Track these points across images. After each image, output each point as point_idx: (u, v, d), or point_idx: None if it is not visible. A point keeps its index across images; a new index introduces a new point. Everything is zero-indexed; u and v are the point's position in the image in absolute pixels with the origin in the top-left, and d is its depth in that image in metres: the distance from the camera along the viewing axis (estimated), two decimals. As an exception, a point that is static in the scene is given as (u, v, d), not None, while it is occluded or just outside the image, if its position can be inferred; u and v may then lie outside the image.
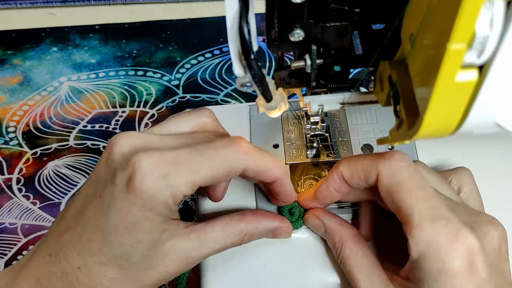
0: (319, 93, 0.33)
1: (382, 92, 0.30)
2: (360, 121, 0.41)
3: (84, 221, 0.29)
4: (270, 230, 0.34)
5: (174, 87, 0.56)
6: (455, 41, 0.19)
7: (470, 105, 0.22)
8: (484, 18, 0.19)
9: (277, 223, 0.35)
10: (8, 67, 0.58)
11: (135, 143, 0.29)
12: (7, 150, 0.53)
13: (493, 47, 0.20)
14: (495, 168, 0.39)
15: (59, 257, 0.30)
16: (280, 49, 0.29)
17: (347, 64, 0.31)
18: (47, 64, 0.58)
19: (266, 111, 0.32)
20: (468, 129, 0.23)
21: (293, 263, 0.36)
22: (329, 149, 0.40)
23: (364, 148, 0.40)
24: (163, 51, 0.59)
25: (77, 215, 0.30)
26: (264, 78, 0.28)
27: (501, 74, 0.21)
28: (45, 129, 0.54)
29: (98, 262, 0.29)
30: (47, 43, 0.59)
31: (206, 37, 0.60)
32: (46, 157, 0.52)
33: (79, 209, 0.30)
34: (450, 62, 0.20)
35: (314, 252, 0.36)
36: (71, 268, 0.29)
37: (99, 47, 0.59)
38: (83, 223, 0.29)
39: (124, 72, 0.57)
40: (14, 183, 0.51)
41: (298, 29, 0.27)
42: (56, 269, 0.30)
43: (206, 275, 0.36)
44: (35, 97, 0.56)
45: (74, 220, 0.30)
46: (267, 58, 0.58)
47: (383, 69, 0.29)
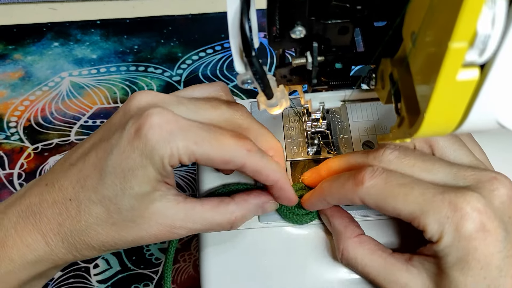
0: (320, 90, 0.33)
1: (383, 90, 0.30)
2: (361, 118, 0.41)
3: (86, 159, 0.31)
4: (259, 207, 0.35)
5: (175, 83, 0.56)
6: (457, 40, 0.19)
7: (471, 104, 0.22)
8: (486, 16, 0.19)
9: (264, 198, 0.35)
10: (9, 62, 0.58)
11: (153, 100, 0.31)
12: (8, 145, 0.53)
13: (495, 46, 0.20)
14: (496, 166, 0.39)
15: (54, 187, 0.32)
16: (281, 46, 0.29)
17: (348, 61, 0.31)
18: (48, 59, 0.58)
19: (267, 108, 0.32)
20: (469, 128, 0.23)
21: (293, 259, 0.36)
22: (330, 146, 0.40)
23: (365, 146, 0.40)
24: (165, 46, 0.59)
25: (82, 155, 0.32)
26: (265, 75, 0.28)
27: (502, 73, 0.20)
28: (46, 124, 0.54)
29: (89, 198, 0.30)
30: (48, 38, 0.59)
31: (207, 32, 0.59)
32: (47, 152, 0.52)
33: (85, 150, 0.32)
34: (452, 60, 0.20)
35: (314, 248, 0.37)
36: (62, 198, 0.31)
37: (100, 42, 0.59)
38: (85, 160, 0.31)
39: (125, 67, 0.57)
40: (15, 178, 0.51)
41: (300, 26, 0.27)
42: (49, 197, 0.31)
43: (207, 275, 0.36)
44: (36, 92, 0.56)
45: (77, 158, 0.32)
46: (268, 55, 0.58)
47: (385, 67, 0.29)
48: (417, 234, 0.31)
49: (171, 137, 0.29)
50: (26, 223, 0.32)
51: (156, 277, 0.45)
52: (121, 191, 0.30)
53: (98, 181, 0.30)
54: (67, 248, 0.32)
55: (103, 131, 0.32)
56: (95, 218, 0.31)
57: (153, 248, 0.47)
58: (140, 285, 0.45)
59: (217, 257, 0.37)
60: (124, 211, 0.30)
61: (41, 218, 0.31)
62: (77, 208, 0.31)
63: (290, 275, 0.36)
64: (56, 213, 0.31)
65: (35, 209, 0.32)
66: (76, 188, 0.31)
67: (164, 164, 0.29)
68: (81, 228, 0.31)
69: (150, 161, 0.29)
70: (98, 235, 0.31)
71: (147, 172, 0.29)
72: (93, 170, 0.30)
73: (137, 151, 0.29)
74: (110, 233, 0.31)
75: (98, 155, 0.31)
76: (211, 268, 0.37)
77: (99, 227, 0.31)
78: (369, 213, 0.37)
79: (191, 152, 0.29)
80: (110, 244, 0.32)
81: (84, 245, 0.32)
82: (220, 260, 0.37)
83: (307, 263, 0.36)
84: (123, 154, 0.29)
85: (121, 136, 0.30)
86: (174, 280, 0.45)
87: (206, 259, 0.37)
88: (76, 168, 0.31)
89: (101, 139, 0.31)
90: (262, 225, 0.38)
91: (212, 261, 0.37)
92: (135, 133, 0.29)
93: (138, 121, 0.29)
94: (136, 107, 0.31)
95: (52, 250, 0.32)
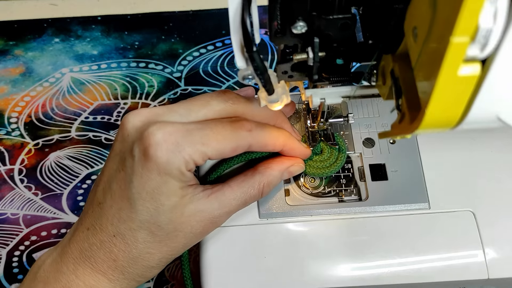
0: (321, 86, 0.33)
1: (384, 86, 0.30)
2: (362, 115, 0.41)
3: (111, 194, 0.32)
4: (285, 171, 0.36)
5: (176, 79, 0.56)
6: (458, 34, 0.19)
7: (473, 99, 0.22)
8: (487, 11, 0.19)
9: (288, 162, 0.36)
10: (10, 58, 0.58)
11: (147, 117, 0.32)
12: (9, 140, 0.53)
13: (496, 40, 0.20)
14: (496, 161, 0.39)
15: (95, 229, 0.33)
16: (282, 42, 0.29)
17: (349, 57, 0.30)
18: (49, 55, 0.58)
19: (268, 104, 0.32)
20: (470, 123, 0.23)
21: (293, 256, 0.36)
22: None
23: (366, 143, 0.40)
24: (165, 43, 0.58)
25: (105, 190, 0.33)
26: (266, 70, 0.28)
27: (504, 68, 0.20)
28: (47, 120, 0.54)
29: (129, 228, 0.32)
30: (49, 34, 0.59)
31: (208, 29, 0.59)
32: (48, 148, 0.52)
33: (105, 185, 0.33)
34: (453, 55, 0.20)
35: (314, 245, 0.37)
36: (107, 237, 0.33)
37: (101, 38, 0.59)
38: (111, 195, 0.32)
39: (126, 63, 0.57)
40: (16, 174, 0.51)
41: (301, 21, 0.27)
42: (95, 240, 0.33)
43: (207, 271, 0.37)
44: (37, 88, 0.56)
45: (103, 195, 0.33)
46: (269, 51, 0.58)
47: (386, 63, 0.29)
48: None
49: (179, 147, 0.30)
50: (84, 268, 0.33)
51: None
52: (155, 211, 0.31)
53: (130, 210, 0.31)
54: (128, 278, 0.34)
55: (113, 161, 0.33)
56: (143, 242, 0.32)
57: (153, 244, 0.47)
58: (140, 281, 0.45)
59: (217, 253, 0.37)
60: (165, 227, 0.32)
61: (96, 260, 0.33)
62: (124, 241, 0.32)
63: (290, 271, 0.36)
64: (108, 252, 0.33)
65: (87, 253, 0.33)
66: (115, 224, 0.32)
67: (182, 172, 0.31)
68: (135, 256, 0.33)
69: (169, 176, 0.30)
70: (152, 256, 0.33)
71: (170, 185, 0.31)
72: (122, 202, 0.32)
73: (154, 171, 0.30)
74: (162, 249, 0.33)
75: (121, 186, 0.32)
76: (211, 264, 0.37)
77: (150, 249, 0.33)
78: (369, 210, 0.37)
79: (202, 153, 0.31)
80: (166, 258, 0.34)
81: (143, 268, 0.33)
82: (220, 256, 0.37)
83: (307, 259, 0.36)
84: (142, 179, 0.30)
85: (133, 163, 0.31)
86: (174, 276, 0.45)
87: (206, 256, 0.37)
88: (106, 205, 0.32)
89: (117, 170, 0.32)
90: (262, 221, 0.38)
91: (212, 258, 0.37)
92: (145, 156, 0.30)
93: (142, 144, 0.30)
94: (133, 130, 0.32)
95: (115, 284, 0.34)
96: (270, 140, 0.34)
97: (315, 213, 0.38)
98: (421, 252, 0.36)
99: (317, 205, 0.38)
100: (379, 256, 0.36)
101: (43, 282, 0.33)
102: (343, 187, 0.39)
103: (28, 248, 0.47)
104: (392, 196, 0.38)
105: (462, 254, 0.36)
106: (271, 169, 0.36)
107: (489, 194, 0.38)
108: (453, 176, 0.39)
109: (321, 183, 0.39)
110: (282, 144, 0.35)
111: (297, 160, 0.37)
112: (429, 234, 0.37)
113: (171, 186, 0.31)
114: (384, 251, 0.36)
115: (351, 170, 0.40)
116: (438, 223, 0.37)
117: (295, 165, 0.37)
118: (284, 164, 0.36)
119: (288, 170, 0.36)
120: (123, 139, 0.32)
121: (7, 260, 0.47)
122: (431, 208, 0.38)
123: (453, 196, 0.38)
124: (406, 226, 0.37)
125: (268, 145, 0.34)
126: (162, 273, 0.45)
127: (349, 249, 0.36)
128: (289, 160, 0.37)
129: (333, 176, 0.39)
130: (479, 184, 0.38)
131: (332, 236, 0.37)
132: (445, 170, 0.39)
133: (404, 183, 0.38)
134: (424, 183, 0.38)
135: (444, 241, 0.36)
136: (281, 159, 0.37)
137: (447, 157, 0.39)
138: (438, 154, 0.40)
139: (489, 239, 0.36)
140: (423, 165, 0.39)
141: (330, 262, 0.36)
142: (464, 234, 0.37)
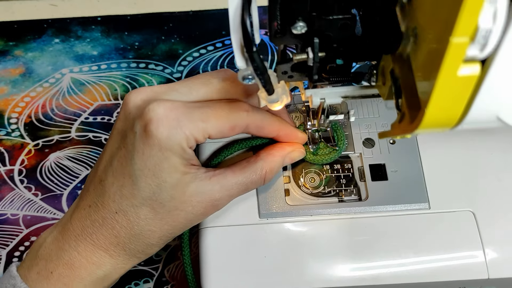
0: (321, 87, 0.33)
1: (384, 86, 0.30)
2: (362, 115, 0.41)
3: (113, 171, 0.32)
4: (286, 157, 0.37)
5: (176, 80, 0.56)
6: (458, 35, 0.19)
7: (472, 99, 0.22)
8: (487, 11, 0.19)
9: (289, 148, 0.37)
10: (10, 58, 0.58)
11: (148, 95, 0.33)
12: (9, 141, 0.53)
13: (496, 41, 0.20)
14: (496, 161, 0.39)
15: (97, 206, 0.33)
16: (282, 42, 0.29)
17: (349, 57, 0.31)
18: (49, 56, 0.58)
19: (268, 104, 0.32)
20: (470, 123, 0.23)
21: (292, 256, 0.36)
22: (331, 142, 0.40)
23: (366, 143, 0.40)
24: (165, 43, 0.59)
25: (107, 168, 0.33)
26: (266, 70, 0.28)
27: (504, 68, 0.20)
28: (47, 121, 0.54)
29: (132, 205, 0.32)
30: (49, 34, 0.59)
31: (208, 29, 0.59)
32: (48, 149, 0.52)
33: (107, 163, 0.33)
34: (453, 55, 0.20)
35: (314, 245, 0.37)
36: (109, 214, 0.33)
37: (101, 39, 0.59)
38: (113, 172, 0.33)
39: (126, 64, 0.57)
40: (16, 175, 0.51)
41: (301, 22, 0.27)
42: (98, 217, 0.33)
43: (206, 271, 0.37)
44: (37, 88, 0.56)
45: (104, 173, 0.33)
46: (269, 52, 0.58)
47: (386, 63, 0.29)
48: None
49: (179, 123, 0.30)
50: (86, 244, 0.33)
51: (157, 274, 0.45)
52: (157, 187, 0.31)
53: (132, 186, 0.32)
54: (129, 254, 0.34)
55: (115, 139, 0.33)
56: (145, 219, 0.33)
57: (153, 245, 0.47)
58: (141, 282, 0.45)
59: (217, 253, 0.37)
60: (166, 204, 0.32)
61: (98, 237, 0.33)
62: (126, 217, 0.33)
63: (290, 271, 0.36)
64: (110, 228, 0.33)
65: (89, 230, 0.33)
66: (117, 201, 0.32)
67: (183, 148, 0.31)
68: (136, 233, 0.33)
69: (170, 151, 0.31)
70: (153, 233, 0.33)
71: (172, 161, 0.31)
72: (124, 179, 0.32)
73: (155, 147, 0.30)
74: (163, 227, 0.33)
75: (122, 163, 0.32)
76: (211, 264, 0.37)
77: (151, 226, 0.33)
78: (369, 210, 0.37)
79: (202, 129, 0.31)
80: (167, 236, 0.34)
81: (144, 245, 0.34)
82: (220, 256, 0.37)
83: (307, 259, 0.36)
84: (143, 155, 0.31)
85: (135, 139, 0.31)
86: (174, 276, 0.45)
87: (205, 255, 0.37)
88: (108, 182, 0.33)
89: (118, 148, 0.33)
90: (262, 221, 0.38)
91: (212, 258, 0.37)
92: (146, 132, 0.30)
93: (143, 120, 0.31)
94: (134, 107, 0.32)
95: (117, 260, 0.34)
96: (266, 122, 0.35)
97: (315, 213, 0.38)
98: (421, 252, 0.36)
99: (317, 205, 0.38)
100: (379, 256, 0.36)
101: (45, 259, 0.34)
102: (343, 187, 0.39)
103: (28, 248, 0.47)
104: (392, 196, 0.38)
105: (462, 254, 0.36)
106: (272, 155, 0.36)
107: (489, 194, 0.38)
108: (453, 176, 0.39)
109: (321, 183, 0.39)
110: (278, 128, 0.36)
111: (297, 145, 0.38)
112: (429, 234, 0.37)
113: (172, 162, 0.31)
114: (384, 251, 0.36)
115: (351, 170, 0.40)
116: (438, 223, 0.37)
117: (296, 151, 0.37)
118: (285, 150, 0.37)
119: (289, 156, 0.37)
120: (124, 117, 0.33)
121: (7, 260, 0.47)
122: (431, 208, 0.38)
123: (453, 196, 0.38)
124: (406, 226, 0.37)
125: (265, 127, 0.35)
126: (162, 273, 0.45)
127: (349, 249, 0.36)
128: (289, 146, 0.37)
129: (333, 176, 0.39)
130: (479, 184, 0.38)
131: (332, 236, 0.37)
132: (445, 170, 0.39)
133: (404, 183, 0.38)
134: (424, 183, 0.38)
135: (444, 241, 0.36)
136: (282, 145, 0.37)
137: (447, 157, 0.39)
138: (438, 154, 0.40)
139: (489, 239, 0.36)
140: (423, 165, 0.39)
141: (330, 262, 0.36)
142: (464, 234, 0.37)
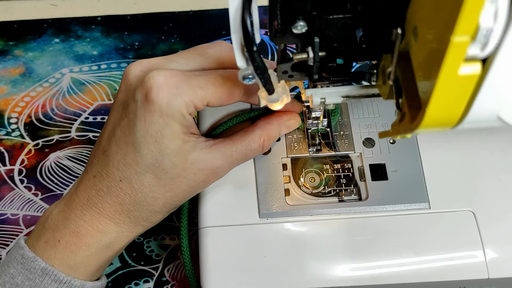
0: (321, 86, 0.33)
1: (384, 86, 0.30)
2: (362, 115, 0.41)
3: (116, 140, 0.33)
4: (283, 125, 0.38)
5: (176, 80, 0.56)
6: (459, 34, 0.19)
7: (473, 99, 0.22)
8: (488, 10, 0.19)
9: (285, 117, 0.38)
10: (10, 58, 0.58)
11: (147, 66, 0.34)
12: (9, 141, 0.53)
13: (497, 40, 0.20)
14: (496, 161, 0.39)
15: (102, 176, 0.34)
16: (282, 41, 0.29)
17: (350, 57, 0.30)
18: (49, 56, 0.58)
19: (268, 103, 0.32)
20: (471, 123, 0.23)
21: (292, 256, 0.36)
22: (330, 144, 0.40)
23: (366, 143, 0.40)
24: (165, 43, 0.58)
25: (110, 138, 0.34)
26: (266, 70, 0.28)
27: (504, 67, 0.20)
28: (47, 121, 0.54)
29: (135, 172, 0.33)
30: (49, 34, 0.59)
31: (208, 29, 0.59)
32: (48, 149, 0.52)
33: (109, 134, 0.34)
34: (454, 54, 0.20)
35: (314, 245, 0.37)
36: (114, 182, 0.34)
37: (101, 38, 0.59)
38: (116, 142, 0.33)
39: (126, 64, 0.57)
40: (16, 174, 0.51)
41: (301, 21, 0.27)
42: (102, 186, 0.34)
43: (206, 271, 0.36)
44: (37, 88, 0.56)
45: (108, 143, 0.34)
46: (269, 51, 0.58)
47: (386, 63, 0.29)
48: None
49: (179, 90, 0.31)
50: (91, 213, 0.34)
51: (157, 273, 0.45)
52: (159, 154, 0.32)
53: (135, 154, 0.33)
54: (134, 222, 0.35)
55: (117, 110, 0.34)
56: (148, 186, 0.33)
57: (153, 245, 0.47)
58: (141, 282, 0.45)
59: (217, 253, 0.37)
60: (169, 170, 0.33)
61: (103, 205, 0.34)
62: (130, 185, 0.34)
63: (290, 271, 0.36)
64: (114, 196, 0.34)
65: (95, 199, 0.34)
66: (121, 169, 0.33)
67: (183, 114, 0.32)
68: (140, 200, 0.34)
69: (171, 117, 0.32)
70: (156, 200, 0.34)
71: (173, 127, 0.32)
72: (127, 147, 0.33)
73: (156, 114, 0.31)
74: (167, 194, 0.34)
75: (125, 132, 0.33)
76: (211, 264, 0.37)
77: (154, 193, 0.34)
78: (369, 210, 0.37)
79: (201, 96, 0.32)
80: (170, 203, 0.35)
81: (148, 213, 0.35)
82: (220, 256, 0.37)
83: (306, 259, 0.36)
84: (145, 123, 0.32)
85: (136, 108, 0.32)
86: (174, 276, 0.45)
87: (206, 256, 0.37)
88: (111, 151, 0.34)
89: (120, 118, 0.34)
90: (262, 221, 0.38)
91: (212, 258, 0.37)
92: (146, 100, 0.31)
93: (144, 88, 0.31)
94: (135, 78, 0.33)
95: (122, 228, 0.35)
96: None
97: (315, 213, 0.38)
98: (421, 252, 0.36)
99: (317, 204, 0.38)
100: (379, 256, 0.36)
101: (52, 229, 0.35)
102: (343, 187, 0.39)
103: (28, 248, 0.47)
104: (392, 196, 0.38)
105: (462, 254, 0.36)
106: (270, 124, 0.37)
107: (489, 194, 0.38)
108: (453, 176, 0.39)
109: (321, 183, 0.39)
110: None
111: (294, 114, 0.39)
112: (429, 234, 0.37)
113: (173, 128, 0.32)
114: (384, 251, 0.36)
115: (351, 170, 0.40)
116: (438, 223, 0.37)
117: (292, 119, 0.39)
118: (282, 118, 0.38)
119: (286, 124, 0.38)
120: (125, 88, 0.34)
121: (7, 260, 0.47)
122: (431, 208, 0.38)
123: (453, 196, 0.38)
124: (406, 226, 0.37)
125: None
126: (162, 273, 0.45)
127: (349, 249, 0.36)
128: (286, 114, 0.38)
129: (333, 176, 0.39)
130: (479, 184, 0.38)
131: (332, 236, 0.37)
132: (445, 170, 0.39)
133: (404, 183, 0.38)
134: (424, 183, 0.38)
135: (444, 241, 0.36)
136: (279, 114, 0.38)
137: (447, 157, 0.39)
138: (438, 154, 0.40)
139: (489, 239, 0.36)
140: (423, 165, 0.39)
141: (330, 261, 0.36)
142: (464, 234, 0.37)
